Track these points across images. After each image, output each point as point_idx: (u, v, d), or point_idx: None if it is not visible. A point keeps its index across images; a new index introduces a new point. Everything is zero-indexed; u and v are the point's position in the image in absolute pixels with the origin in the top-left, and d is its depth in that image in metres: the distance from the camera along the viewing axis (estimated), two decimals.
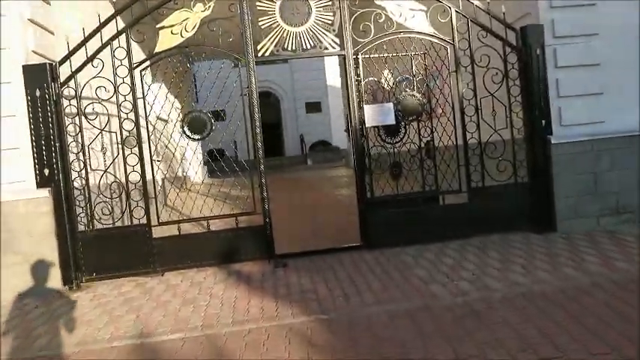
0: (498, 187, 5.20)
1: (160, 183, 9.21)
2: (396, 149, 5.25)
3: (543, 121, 5.12)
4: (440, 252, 4.84)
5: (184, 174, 12.01)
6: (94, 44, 4.71)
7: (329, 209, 7.50)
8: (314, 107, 22.47)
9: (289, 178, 13.16)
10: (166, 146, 6.06)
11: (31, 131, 4.55)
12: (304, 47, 5.04)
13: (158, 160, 6.85)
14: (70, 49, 4.67)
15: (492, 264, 4.35)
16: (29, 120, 4.54)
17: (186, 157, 13.06)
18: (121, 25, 4.85)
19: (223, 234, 5.04)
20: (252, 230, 5.05)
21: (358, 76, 5.14)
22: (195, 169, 14.54)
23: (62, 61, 4.69)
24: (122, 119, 4.79)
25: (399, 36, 5.11)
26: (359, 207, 5.20)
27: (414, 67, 5.24)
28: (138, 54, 4.99)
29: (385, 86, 5.22)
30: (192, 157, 5.99)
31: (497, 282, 3.90)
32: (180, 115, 4.96)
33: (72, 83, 4.71)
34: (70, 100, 4.74)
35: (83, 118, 4.74)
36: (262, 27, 4.96)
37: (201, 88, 5.96)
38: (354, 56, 5.11)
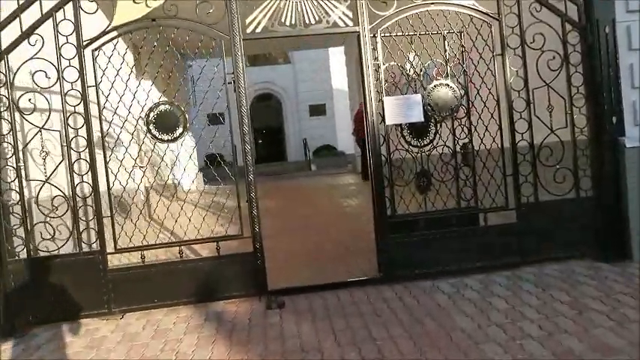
0: (555, 202, 4.04)
1: (144, 193, 8.10)
2: (424, 154, 4.10)
3: (614, 119, 3.97)
4: (484, 289, 3.68)
5: (175, 181, 10.89)
6: (31, 16, 3.60)
7: (336, 226, 6.32)
8: (318, 110, 21.36)
9: (290, 186, 12.02)
10: (152, 150, 4.92)
11: None
12: (307, 21, 3.90)
13: (141, 167, 5.84)
14: None
15: (562, 310, 3.18)
16: None
17: (178, 162, 12.03)
18: None
19: (201, 264, 3.90)
20: (239, 259, 3.91)
21: (376, 59, 4.00)
22: (190, 175, 13.43)
23: None
24: (68, 114, 3.66)
25: (429, 9, 3.98)
26: (376, 227, 4.05)
27: (447, 50, 4.09)
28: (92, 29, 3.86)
29: (411, 73, 4.07)
30: (186, 163, 4.82)
31: (580, 342, 2.74)
32: (144, 110, 3.81)
33: (1, 66, 3.59)
34: None
35: (17, 112, 3.63)
36: None
37: (194, 87, 4.93)
38: (372, 34, 3.98)
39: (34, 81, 3.59)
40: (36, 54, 3.56)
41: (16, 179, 3.65)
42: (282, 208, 8.08)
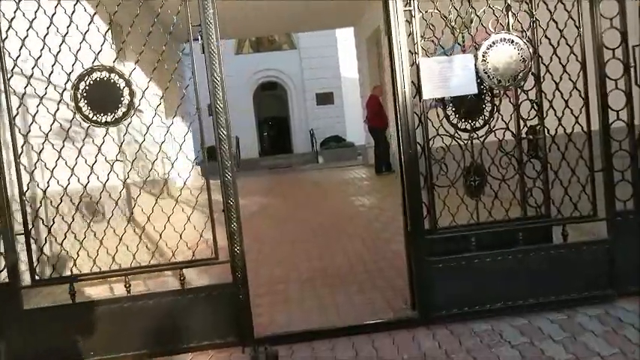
0: None
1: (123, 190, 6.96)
2: (476, 141, 2.88)
3: None
4: (570, 338, 2.49)
5: (166, 176, 9.76)
6: None
7: (349, 234, 5.05)
8: (326, 98, 20.10)
9: (295, 181, 10.83)
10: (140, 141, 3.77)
11: None
12: None
13: (120, 160, 4.81)
14: None
15: None
16: None
17: (168, 155, 10.79)
18: None
19: (159, 301, 2.72)
20: (214, 292, 2.73)
21: (409, 4, 2.79)
22: (185, 169, 12.25)
23: None
24: None
25: None
26: (409, 246, 2.85)
27: None
28: None
29: (455, 25, 2.85)
30: (178, 155, 3.60)
31: None
32: (73, 79, 2.61)
33: None
34: None
35: None
36: None
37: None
38: None
39: None
40: None
41: None
42: (282, 210, 6.92)
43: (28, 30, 2.53)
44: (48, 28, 2.54)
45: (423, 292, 2.78)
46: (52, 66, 2.56)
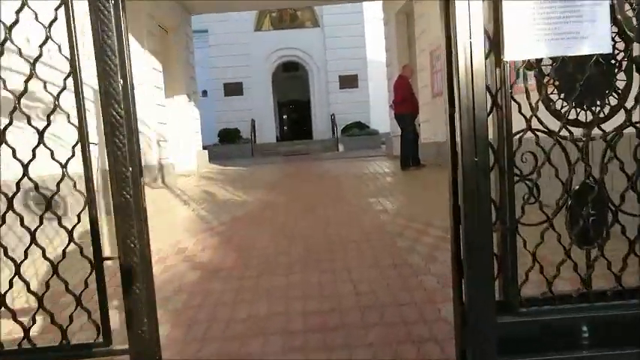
0: None
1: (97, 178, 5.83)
2: (595, 142, 1.57)
3: None
4: None
5: (161, 161, 8.62)
6: None
7: (363, 261, 3.72)
8: (349, 81, 18.66)
9: (309, 172, 9.57)
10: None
11: None
12: None
13: (94, 143, 3.66)
14: None
15: None
16: None
17: (164, 138, 9.70)
18: None
19: None
20: None
21: None
22: (186, 153, 11.19)
23: None
24: None
25: None
26: (463, 335, 1.57)
27: None
28: None
29: None
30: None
31: None
32: None
33: None
34: None
35: None
36: None
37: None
38: None
39: None
40: None
41: None
42: (283, 215, 5.69)
43: None
44: None
45: None
46: None
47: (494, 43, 1.51)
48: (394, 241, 4.10)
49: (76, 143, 1.55)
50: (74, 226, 1.53)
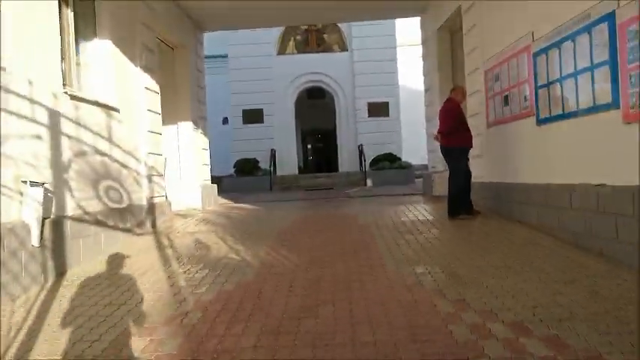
0: None
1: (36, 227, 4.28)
2: None
3: None
4: None
5: (152, 200, 7.08)
6: None
7: None
8: (379, 109, 17.05)
9: (329, 216, 7.85)
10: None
11: None
12: None
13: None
14: None
15: None
16: None
17: (159, 172, 8.06)
18: None
19: None
20: None
21: None
22: (190, 189, 9.59)
23: None
24: None
25: None
26: None
27: None
28: None
29: None
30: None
31: None
32: None
33: None
34: None
35: None
36: None
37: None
38: None
39: None
40: None
41: None
42: (294, 293, 4.01)
43: None
44: None
45: None
46: None
47: None
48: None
49: None
50: None
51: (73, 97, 5.17)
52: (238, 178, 15.63)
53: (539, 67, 5.33)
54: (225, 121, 19.11)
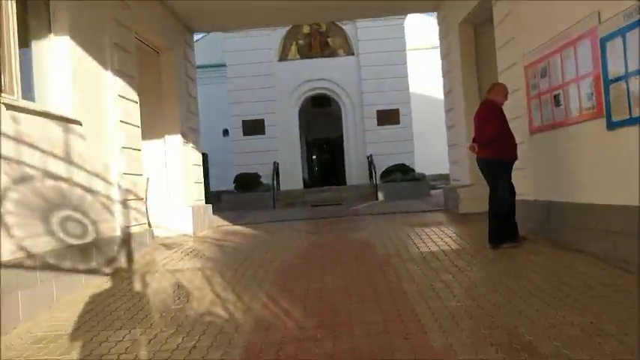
0: None
1: None
2: None
3: None
4: None
5: (128, 230, 5.90)
6: None
7: None
8: (389, 117, 15.86)
9: (341, 245, 6.64)
10: None
11: None
12: None
13: None
14: None
15: None
16: None
17: (137, 195, 5.97)
18: None
19: None
20: None
21: None
22: (178, 211, 8.30)
23: None
24: None
25: None
26: None
27: None
28: None
29: None
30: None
31: None
32: None
33: None
34: None
35: None
36: None
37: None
38: None
39: None
40: None
41: None
42: None
43: None
44: None
45: None
46: None
47: None
48: None
49: None
50: None
51: (10, 107, 4.02)
52: (238, 194, 14.46)
53: (612, 56, 4.12)
54: (226, 132, 18.02)
